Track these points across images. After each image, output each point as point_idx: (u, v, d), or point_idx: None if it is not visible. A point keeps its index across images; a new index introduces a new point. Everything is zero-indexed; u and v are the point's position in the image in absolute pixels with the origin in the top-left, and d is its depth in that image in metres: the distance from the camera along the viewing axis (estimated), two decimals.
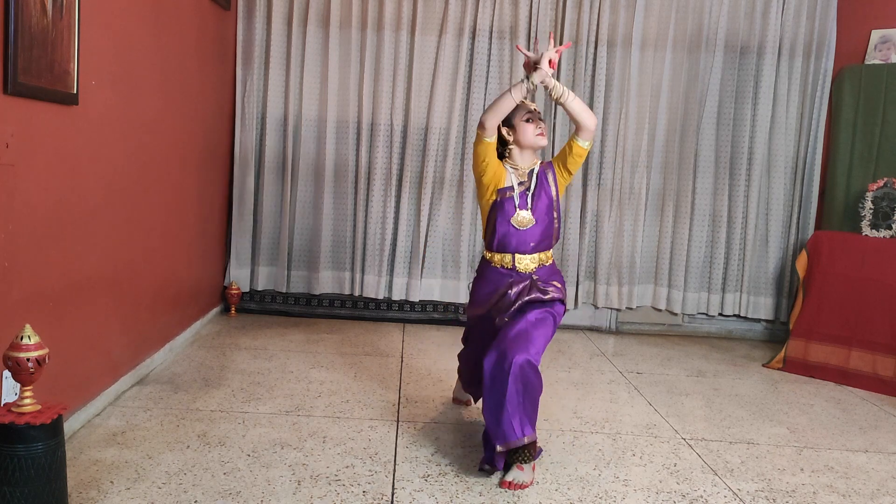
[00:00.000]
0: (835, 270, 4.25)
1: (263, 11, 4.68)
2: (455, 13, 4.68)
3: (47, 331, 2.33)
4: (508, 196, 2.69)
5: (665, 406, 3.50)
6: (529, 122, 2.69)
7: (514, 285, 2.69)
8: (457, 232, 4.84)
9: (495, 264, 2.74)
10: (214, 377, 3.48)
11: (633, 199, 4.85)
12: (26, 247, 2.35)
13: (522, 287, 2.69)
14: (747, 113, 4.81)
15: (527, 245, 2.70)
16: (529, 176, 2.73)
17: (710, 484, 2.65)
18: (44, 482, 1.98)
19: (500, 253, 2.72)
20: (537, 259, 2.72)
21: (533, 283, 2.69)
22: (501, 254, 2.72)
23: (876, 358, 4.03)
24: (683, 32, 4.76)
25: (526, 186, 2.72)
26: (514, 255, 2.70)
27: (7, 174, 2.22)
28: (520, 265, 2.70)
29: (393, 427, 2.99)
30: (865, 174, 4.54)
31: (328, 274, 4.86)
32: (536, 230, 2.70)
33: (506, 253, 2.71)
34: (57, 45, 2.44)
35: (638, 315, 5.05)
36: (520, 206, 2.69)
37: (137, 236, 3.26)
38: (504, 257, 2.71)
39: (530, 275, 2.70)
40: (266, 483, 2.41)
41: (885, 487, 2.73)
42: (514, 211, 2.68)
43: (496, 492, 2.46)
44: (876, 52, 4.56)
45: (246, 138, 4.73)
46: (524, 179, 2.73)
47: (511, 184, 2.70)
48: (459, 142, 4.77)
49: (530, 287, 2.69)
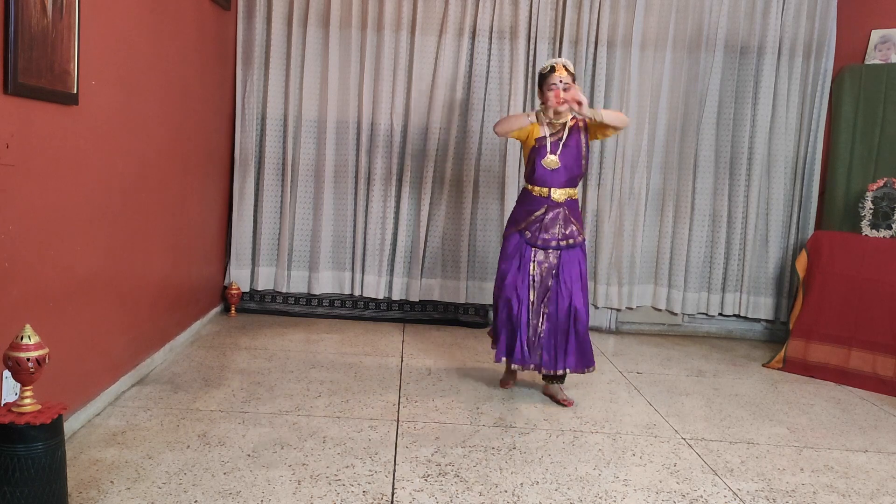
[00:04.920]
0: (835, 270, 4.25)
1: (263, 12, 4.68)
2: (455, 13, 4.68)
3: (47, 331, 2.33)
4: (542, 144, 3.42)
5: (665, 406, 3.50)
6: (551, 91, 3.36)
7: (549, 210, 3.42)
8: (457, 232, 4.84)
9: (535, 193, 3.45)
10: (214, 377, 3.48)
11: (633, 199, 4.85)
12: (26, 247, 2.35)
13: (556, 214, 3.42)
14: (747, 113, 4.81)
15: (557, 181, 3.42)
16: (563, 127, 3.42)
17: (710, 484, 2.65)
18: (44, 482, 1.97)
19: (538, 186, 3.45)
20: (566, 193, 3.45)
21: (566, 217, 3.43)
22: (540, 186, 3.44)
23: (876, 358, 4.03)
24: (683, 32, 4.76)
25: (558, 137, 3.42)
26: (550, 188, 3.43)
27: (7, 174, 2.22)
28: (553, 195, 3.43)
29: (393, 427, 2.99)
30: (865, 174, 4.54)
31: (328, 274, 4.86)
32: (562, 170, 3.41)
33: (543, 186, 3.44)
34: (57, 45, 2.44)
35: (638, 315, 5.05)
36: (551, 150, 3.40)
37: (138, 236, 3.26)
38: (542, 189, 3.44)
39: (562, 204, 3.42)
40: (266, 483, 2.41)
41: (885, 487, 2.73)
42: (546, 154, 3.40)
43: (496, 492, 2.46)
44: (876, 52, 4.56)
45: (246, 138, 4.73)
46: (557, 130, 3.43)
47: (544, 134, 3.42)
48: (459, 142, 4.77)
49: (564, 221, 3.43)
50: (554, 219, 3.42)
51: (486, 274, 4.88)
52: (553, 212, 3.42)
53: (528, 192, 3.50)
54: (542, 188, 3.43)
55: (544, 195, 3.43)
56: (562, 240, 3.43)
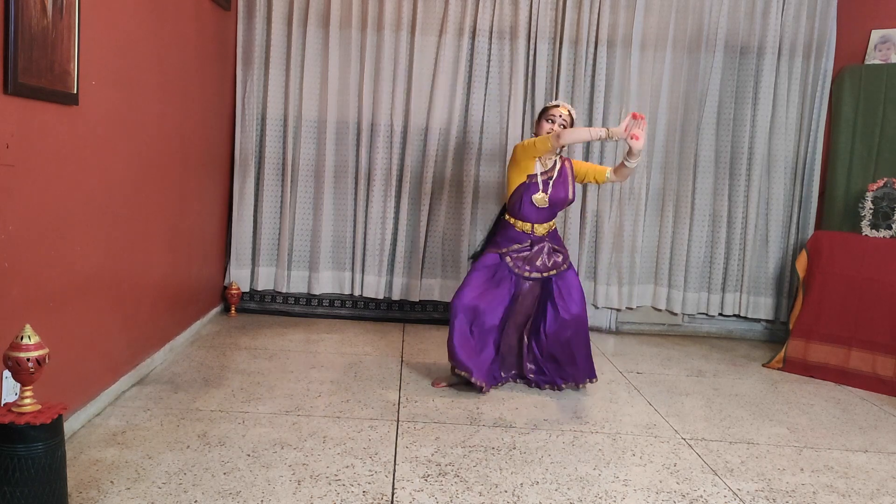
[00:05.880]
0: (835, 270, 4.25)
1: (263, 12, 4.68)
2: (455, 13, 4.68)
3: (47, 331, 2.32)
4: (533, 181, 3.44)
5: (665, 406, 3.50)
6: (547, 122, 3.45)
7: (534, 244, 3.48)
8: (457, 232, 4.84)
9: (518, 228, 3.50)
10: (214, 377, 3.48)
11: (633, 199, 4.85)
12: (26, 247, 2.35)
13: (540, 248, 3.48)
14: (747, 113, 4.81)
15: (541, 218, 3.48)
16: (553, 166, 3.47)
17: (710, 484, 2.65)
18: (44, 482, 1.97)
19: (521, 221, 3.49)
20: (548, 226, 3.52)
21: (550, 250, 3.50)
22: (524, 222, 3.48)
23: (876, 358, 4.03)
24: (683, 32, 4.76)
25: (549, 175, 3.45)
26: (533, 224, 3.48)
27: (7, 174, 2.22)
28: (536, 231, 3.49)
29: (393, 427, 2.99)
30: (865, 174, 4.54)
31: (328, 274, 4.86)
32: (548, 209, 3.47)
33: (527, 222, 3.48)
34: (57, 45, 2.44)
35: (638, 315, 5.05)
36: (542, 189, 3.43)
37: (138, 236, 3.26)
38: (525, 225, 3.49)
39: (543, 237, 3.50)
40: (266, 483, 2.41)
41: (885, 487, 2.73)
42: (537, 191, 3.43)
43: (496, 492, 2.46)
44: (876, 52, 4.56)
45: (246, 138, 4.73)
46: (547, 169, 3.46)
47: (536, 171, 3.44)
48: (459, 142, 4.77)
49: (549, 252, 3.49)
50: (538, 252, 3.48)
51: None
52: (537, 246, 3.49)
53: (510, 225, 3.52)
54: (525, 224, 3.48)
55: (527, 231, 3.48)
56: (549, 270, 3.50)
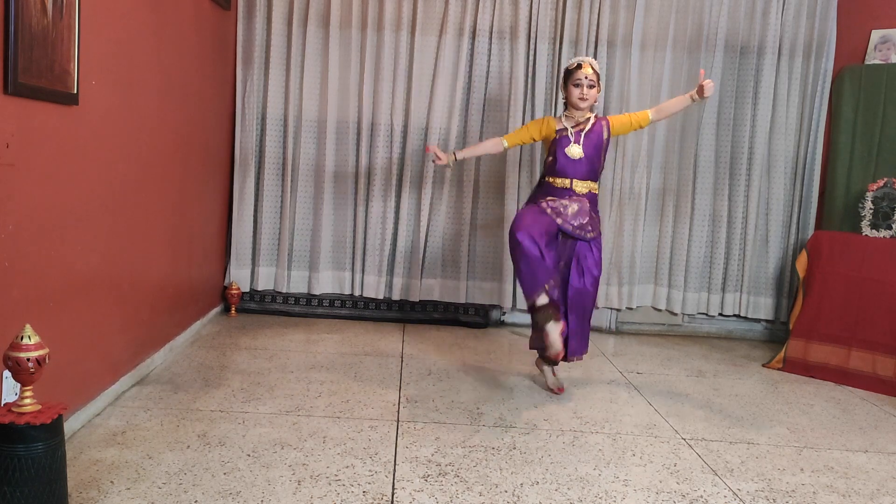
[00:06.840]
0: (835, 270, 4.25)
1: (263, 12, 4.68)
2: (455, 13, 4.68)
3: (47, 331, 2.32)
4: (564, 135, 3.44)
5: (665, 406, 3.50)
6: (576, 87, 3.42)
7: (571, 201, 3.40)
8: (457, 232, 4.84)
9: (557, 185, 3.43)
10: (214, 377, 3.48)
11: (633, 199, 4.85)
12: (26, 247, 2.35)
13: (577, 205, 3.39)
14: (747, 113, 4.81)
15: (579, 173, 3.42)
16: (585, 121, 3.46)
17: (710, 484, 2.65)
18: (44, 482, 1.97)
19: (560, 178, 3.43)
20: (588, 186, 3.45)
21: (586, 210, 3.40)
22: (562, 178, 3.43)
23: (876, 358, 4.03)
24: (683, 32, 4.76)
25: (581, 128, 3.44)
26: (572, 179, 3.42)
27: (7, 174, 2.22)
28: (575, 187, 3.43)
29: (393, 427, 2.99)
30: (865, 174, 4.54)
31: (328, 274, 4.86)
32: (585, 161, 3.41)
33: (565, 178, 3.43)
34: (57, 45, 2.44)
35: (638, 315, 5.05)
36: (574, 140, 3.41)
37: (138, 236, 3.26)
38: (564, 181, 3.43)
39: (584, 196, 3.43)
40: (266, 483, 2.41)
41: (885, 487, 2.73)
42: (570, 143, 3.41)
43: (496, 492, 2.46)
44: (876, 52, 4.56)
45: (246, 138, 4.73)
46: (579, 122, 3.45)
47: (566, 126, 3.45)
48: (459, 142, 4.77)
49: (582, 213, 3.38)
50: (574, 209, 3.38)
51: (486, 274, 4.88)
52: (574, 203, 3.39)
53: (549, 183, 3.45)
54: (564, 179, 3.41)
55: (566, 186, 3.41)
56: (577, 229, 3.37)
